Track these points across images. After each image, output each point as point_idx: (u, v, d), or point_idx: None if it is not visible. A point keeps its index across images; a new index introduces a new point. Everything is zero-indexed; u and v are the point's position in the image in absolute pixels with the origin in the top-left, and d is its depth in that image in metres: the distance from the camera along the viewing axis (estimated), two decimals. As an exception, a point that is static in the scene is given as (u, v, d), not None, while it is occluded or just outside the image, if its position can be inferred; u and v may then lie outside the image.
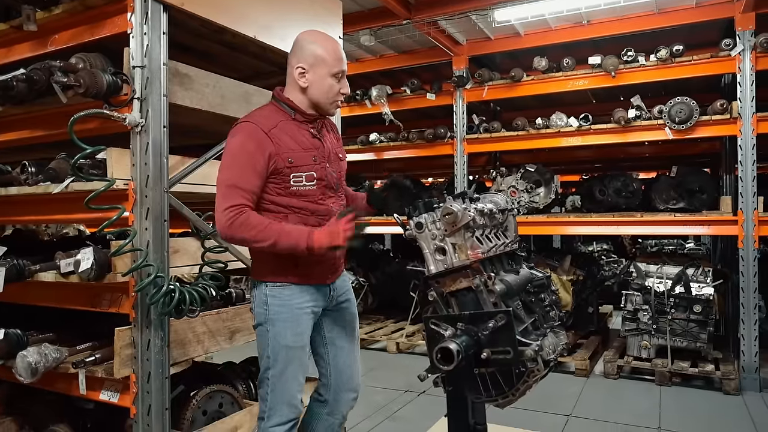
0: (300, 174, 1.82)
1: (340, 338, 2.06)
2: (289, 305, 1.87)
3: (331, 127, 2.05)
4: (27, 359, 2.10)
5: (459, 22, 4.67)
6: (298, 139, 1.85)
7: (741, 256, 4.04)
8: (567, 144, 4.79)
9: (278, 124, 1.83)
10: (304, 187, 1.84)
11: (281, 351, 1.86)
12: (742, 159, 4.05)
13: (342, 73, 1.89)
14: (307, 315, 1.91)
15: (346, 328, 2.08)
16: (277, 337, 1.86)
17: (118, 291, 2.09)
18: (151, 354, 2.00)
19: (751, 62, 4.02)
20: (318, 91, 1.87)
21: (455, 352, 1.50)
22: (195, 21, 2.19)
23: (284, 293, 1.87)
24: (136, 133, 1.99)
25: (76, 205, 2.02)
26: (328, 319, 2.04)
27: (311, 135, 1.89)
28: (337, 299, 2.03)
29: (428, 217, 1.80)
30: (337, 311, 2.05)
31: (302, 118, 1.89)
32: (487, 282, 1.70)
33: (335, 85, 1.87)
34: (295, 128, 1.87)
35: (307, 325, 1.91)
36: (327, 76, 1.86)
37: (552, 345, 1.83)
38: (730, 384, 3.90)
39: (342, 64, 1.89)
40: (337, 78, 1.87)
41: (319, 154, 1.89)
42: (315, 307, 1.94)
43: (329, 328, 2.05)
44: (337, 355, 2.05)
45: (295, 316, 1.87)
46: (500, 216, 2.03)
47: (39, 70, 2.00)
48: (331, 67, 1.86)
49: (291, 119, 1.87)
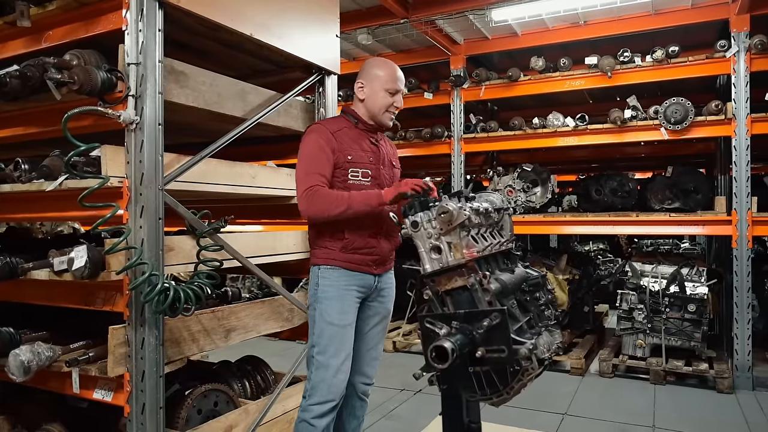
0: (357, 170, 2.12)
1: (367, 328, 2.24)
2: (337, 285, 2.10)
3: (390, 144, 2.37)
4: (20, 358, 2.09)
5: (456, 22, 4.67)
6: (358, 142, 2.17)
7: (735, 255, 4.07)
8: (563, 144, 4.81)
9: (342, 129, 2.16)
10: (359, 181, 2.13)
11: (326, 328, 2.07)
12: (736, 159, 4.07)
13: (396, 91, 2.18)
14: (352, 296, 2.12)
15: (376, 318, 2.26)
16: (323, 314, 2.08)
17: (113, 289, 2.07)
18: (145, 353, 1.99)
19: (746, 63, 4.04)
20: (372, 102, 2.18)
21: (450, 350, 1.50)
22: (191, 18, 2.17)
23: (333, 275, 2.11)
24: (131, 130, 1.98)
25: (70, 202, 2.00)
26: (365, 308, 2.22)
27: (370, 142, 2.20)
28: (379, 291, 2.23)
29: (424, 216, 1.80)
30: (375, 302, 2.24)
31: (363, 127, 2.21)
32: (482, 281, 1.70)
33: (388, 98, 2.18)
34: (357, 134, 2.19)
35: (351, 305, 2.11)
36: (381, 90, 2.17)
37: (547, 343, 1.83)
38: (723, 382, 3.92)
39: (396, 83, 2.18)
40: (390, 93, 2.17)
41: (375, 157, 2.19)
42: (358, 292, 2.14)
43: (364, 318, 2.22)
44: (361, 341, 2.22)
45: (341, 295, 2.09)
46: (496, 215, 2.03)
47: (33, 66, 1.98)
48: (384, 83, 2.17)
49: (354, 127, 2.20)
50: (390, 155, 2.30)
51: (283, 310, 2.71)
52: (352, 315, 2.12)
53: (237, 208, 2.66)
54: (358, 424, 2.31)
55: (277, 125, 2.63)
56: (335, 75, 2.87)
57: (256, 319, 2.58)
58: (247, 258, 2.46)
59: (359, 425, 2.32)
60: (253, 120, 2.43)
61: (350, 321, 2.11)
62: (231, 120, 2.41)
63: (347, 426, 2.29)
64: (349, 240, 2.11)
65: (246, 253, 2.46)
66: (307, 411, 2.04)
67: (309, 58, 2.67)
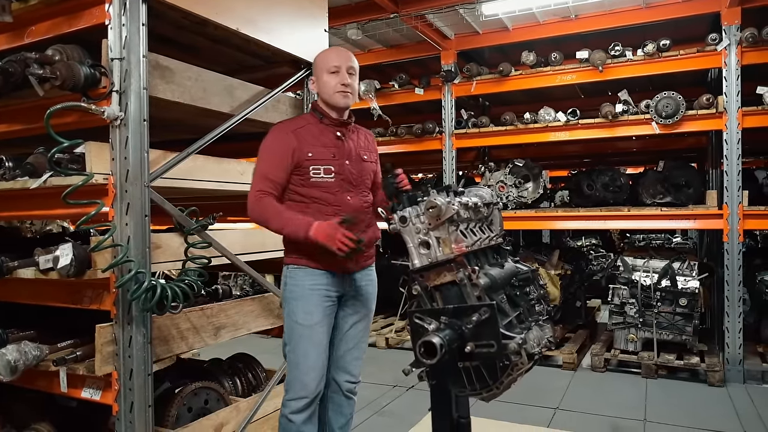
0: (318, 167, 2.06)
1: (346, 327, 2.20)
2: (301, 285, 2.08)
3: (366, 137, 2.27)
4: (6, 357, 2.07)
5: (447, 16, 4.65)
6: (321, 138, 2.11)
7: (726, 249, 4.08)
8: (555, 139, 4.80)
9: (305, 126, 2.12)
10: (322, 178, 2.07)
11: (294, 327, 2.07)
12: (727, 153, 4.07)
13: (336, 68, 2.09)
14: (319, 296, 2.07)
15: (356, 316, 2.21)
16: (290, 314, 2.08)
17: (99, 287, 2.05)
18: (133, 351, 1.97)
19: (737, 57, 4.05)
20: (322, 90, 2.13)
21: (438, 345, 1.49)
22: (176, 12, 2.15)
23: (298, 274, 2.09)
24: (116, 126, 1.96)
25: (55, 200, 1.98)
26: (344, 306, 2.19)
27: (335, 136, 2.13)
28: (356, 290, 2.18)
29: (412, 211, 1.78)
30: (353, 300, 2.19)
31: (328, 122, 2.14)
32: (471, 276, 1.69)
33: (332, 79, 2.09)
34: (321, 129, 2.13)
35: (317, 305, 2.07)
36: (323, 75, 2.11)
37: (537, 338, 1.82)
38: (714, 376, 3.94)
39: (334, 60, 2.11)
40: (332, 73, 2.09)
41: (339, 152, 2.11)
42: (328, 291, 2.09)
43: (342, 316, 2.19)
44: (342, 340, 2.19)
45: (305, 295, 2.06)
46: (485, 210, 2.02)
47: (14, 62, 1.96)
48: (323, 66, 2.11)
49: (319, 122, 2.14)
50: (360, 149, 2.20)
51: (274, 307, 2.70)
52: (318, 314, 2.07)
53: (225, 205, 2.64)
54: (346, 422, 2.28)
55: (265, 121, 2.60)
56: (324, 70, 2.84)
57: (246, 317, 2.57)
58: (236, 255, 2.44)
59: (347, 422, 2.29)
60: (240, 116, 2.41)
61: (317, 320, 2.06)
62: (218, 116, 2.39)
63: (334, 424, 2.27)
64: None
65: (235, 250, 2.44)
66: (286, 406, 2.07)
67: (297, 54, 2.65)
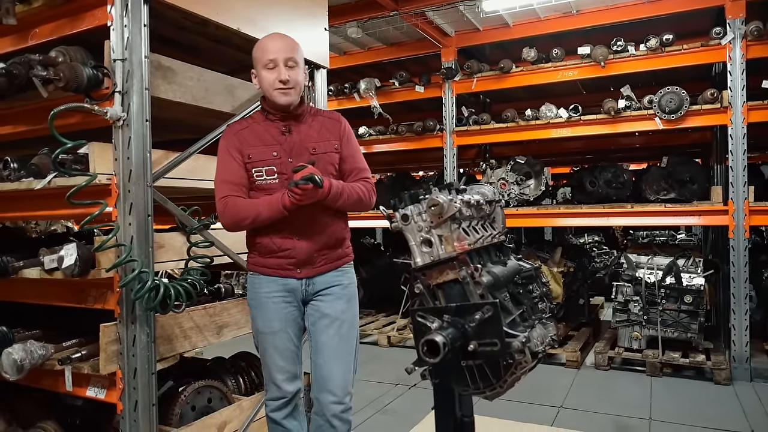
0: (260, 168, 1.94)
1: (317, 335, 2.03)
2: (258, 293, 2.02)
3: (323, 123, 2.05)
4: (12, 356, 2.08)
5: (447, 13, 4.64)
6: (263, 136, 1.97)
7: (732, 246, 4.04)
8: (557, 135, 4.79)
9: (250, 126, 2.00)
10: (265, 181, 1.95)
11: (257, 335, 2.05)
12: (732, 149, 4.05)
13: (271, 62, 1.93)
14: (275, 303, 1.99)
15: (324, 320, 2.02)
16: (253, 323, 2.07)
17: (103, 287, 2.06)
18: (137, 350, 1.98)
19: (742, 51, 4.01)
20: (262, 87, 1.99)
21: (441, 344, 1.49)
22: (177, 13, 2.15)
23: (254, 281, 2.03)
24: (118, 127, 1.97)
25: (59, 200, 1.98)
26: (309, 314, 2.05)
27: (280, 132, 1.98)
28: (313, 295, 2.02)
29: (414, 209, 1.78)
30: (317, 303, 2.03)
31: (273, 117, 2.00)
32: (474, 274, 1.69)
33: (269, 75, 1.94)
34: (265, 127, 1.99)
35: (274, 312, 1.99)
36: (261, 71, 1.96)
37: (540, 336, 1.82)
38: (720, 374, 3.90)
39: (269, 51, 1.93)
40: (269, 69, 1.94)
41: (281, 149, 1.96)
42: (284, 298, 2.00)
43: (311, 323, 2.05)
44: (316, 352, 2.03)
45: (262, 303, 2.00)
46: (487, 207, 2.02)
47: (18, 64, 1.97)
48: (260, 61, 1.96)
49: (264, 120, 2.01)
50: (310, 141, 1.99)
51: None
52: (278, 321, 1.98)
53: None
54: None
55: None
56: (324, 69, 2.85)
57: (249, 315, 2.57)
58: (238, 254, 2.45)
59: None
60: (241, 115, 2.41)
61: (278, 328, 1.98)
62: (220, 115, 2.39)
63: None
64: (261, 244, 1.98)
65: (236, 249, 2.45)
66: (267, 405, 2.06)
67: (298, 52, 2.64)
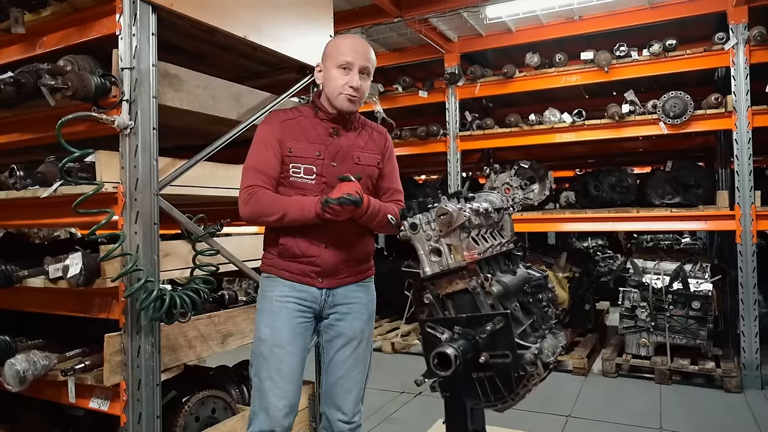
0: (298, 165, 1.82)
1: (331, 352, 1.91)
2: (269, 296, 1.85)
3: (372, 135, 1.98)
4: (15, 367, 2.06)
5: (450, 20, 4.64)
6: (308, 132, 1.86)
7: (739, 251, 4.01)
8: (561, 140, 4.78)
9: (297, 118, 1.88)
10: (301, 179, 1.83)
11: (258, 345, 1.83)
12: (738, 153, 4.03)
13: (347, 64, 1.83)
14: (288, 310, 1.81)
15: (341, 339, 1.90)
16: (258, 330, 1.85)
17: (108, 296, 2.05)
18: (141, 360, 1.96)
19: (745, 56, 4.01)
20: (326, 85, 1.88)
21: (453, 357, 1.47)
22: (184, 21, 2.15)
23: (268, 284, 1.88)
24: (125, 135, 1.96)
25: (65, 209, 1.98)
26: (323, 330, 1.93)
27: (328, 133, 1.88)
28: (332, 308, 1.89)
29: (422, 218, 1.77)
30: (334, 321, 1.91)
31: (324, 116, 1.89)
32: (484, 283, 1.67)
33: (341, 78, 1.83)
34: (313, 123, 1.88)
35: (285, 320, 1.81)
36: (332, 68, 1.85)
37: (551, 347, 1.80)
38: (731, 382, 3.85)
39: (346, 55, 1.82)
40: (342, 69, 1.83)
41: (326, 151, 1.85)
42: (299, 305, 1.83)
43: (326, 340, 1.93)
44: (329, 369, 1.92)
45: (272, 308, 1.83)
46: (496, 215, 2.00)
47: (27, 73, 1.97)
48: (334, 58, 1.84)
49: (314, 116, 1.90)
50: (357, 149, 1.91)
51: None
52: (287, 332, 1.80)
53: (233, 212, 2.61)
54: None
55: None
56: (331, 75, 2.83)
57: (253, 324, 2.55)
58: (244, 261, 2.43)
59: None
60: (248, 122, 2.40)
61: (286, 339, 1.79)
62: (226, 123, 2.38)
63: None
64: (284, 246, 1.84)
65: (242, 256, 2.43)
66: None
67: (303, 59, 2.64)
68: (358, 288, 1.95)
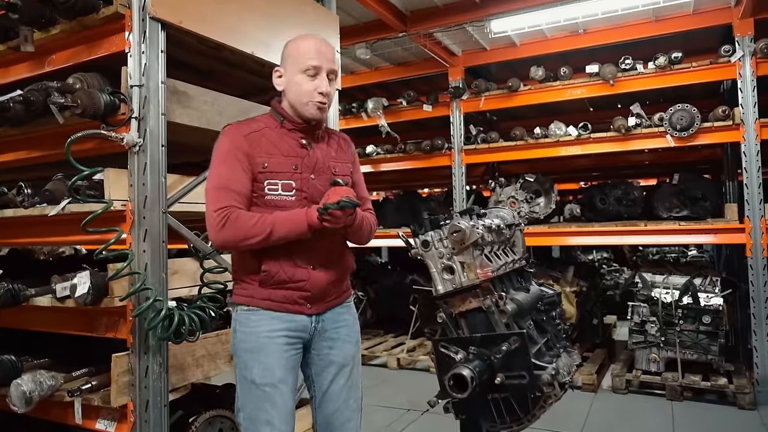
0: (275, 181, 1.66)
1: (323, 383, 1.77)
2: (256, 332, 1.66)
3: (341, 146, 1.85)
4: (21, 388, 2.03)
5: (455, 34, 4.66)
6: (280, 145, 1.70)
7: (750, 265, 3.96)
8: (566, 153, 4.76)
9: (262, 129, 1.70)
10: (279, 197, 1.66)
11: (249, 389, 1.64)
12: (746, 166, 4.00)
13: (314, 68, 1.67)
14: (278, 345, 1.65)
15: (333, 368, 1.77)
16: (244, 371, 1.66)
17: (115, 315, 2.03)
18: (149, 381, 1.94)
19: (752, 68, 4.00)
20: (290, 92, 1.71)
21: (469, 378, 1.44)
22: (193, 38, 2.16)
23: (251, 318, 1.68)
24: (134, 152, 1.95)
25: (73, 227, 1.97)
26: (312, 361, 1.78)
27: (299, 144, 1.72)
28: (323, 334, 1.76)
29: (435, 235, 1.75)
30: (324, 349, 1.77)
31: (291, 126, 1.73)
32: (499, 302, 1.65)
33: (307, 83, 1.67)
34: (281, 135, 1.72)
35: (277, 357, 1.65)
36: (296, 74, 1.68)
37: (566, 366, 1.77)
38: (744, 398, 3.77)
39: (311, 59, 1.66)
40: (308, 75, 1.67)
41: (302, 164, 1.70)
42: (290, 338, 1.68)
43: (315, 372, 1.78)
44: (323, 399, 1.78)
45: (261, 346, 1.65)
46: (508, 231, 1.98)
47: (36, 91, 1.98)
48: (298, 62, 1.68)
49: (279, 126, 1.73)
50: (330, 159, 1.77)
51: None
52: (280, 370, 1.64)
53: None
54: None
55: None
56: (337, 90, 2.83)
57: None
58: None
59: None
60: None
61: (279, 377, 1.63)
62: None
63: None
64: (268, 272, 1.65)
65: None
66: None
67: (312, 75, 2.64)
68: (343, 310, 1.83)
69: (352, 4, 3.98)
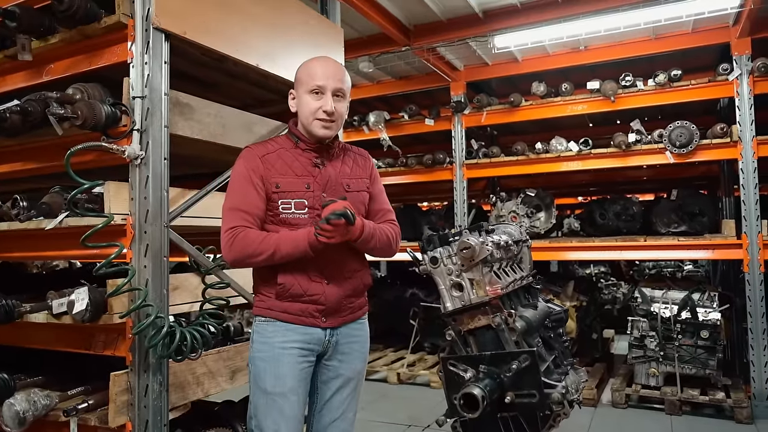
0: (288, 200, 1.74)
1: (326, 393, 1.82)
2: (271, 343, 1.73)
3: (355, 159, 1.90)
4: (14, 408, 1.97)
5: (458, 49, 4.68)
6: (293, 165, 1.78)
7: (747, 280, 3.98)
8: (567, 168, 4.77)
9: (277, 151, 1.79)
10: (293, 215, 1.74)
11: (260, 397, 1.71)
12: (744, 182, 4.02)
13: (318, 88, 1.75)
14: (291, 356, 1.71)
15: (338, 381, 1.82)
16: (257, 380, 1.73)
17: (114, 332, 1.97)
18: (149, 400, 1.88)
19: (749, 86, 4.04)
20: (300, 112, 1.81)
21: (480, 398, 1.41)
22: (196, 49, 2.13)
23: (267, 329, 1.75)
24: (136, 165, 1.91)
25: (71, 240, 1.92)
26: (323, 369, 1.82)
27: (312, 163, 1.79)
28: (336, 348, 1.80)
29: (443, 252, 1.73)
30: (334, 362, 1.81)
31: (305, 146, 1.81)
32: (508, 319, 1.62)
33: (313, 103, 1.75)
34: (295, 155, 1.80)
35: (290, 368, 1.71)
36: (303, 94, 1.78)
37: (575, 383, 1.75)
38: (742, 412, 3.78)
39: (317, 79, 1.75)
40: (314, 94, 1.76)
41: (315, 182, 1.77)
42: (303, 350, 1.73)
43: (323, 379, 1.82)
44: (323, 410, 1.82)
45: (276, 356, 1.71)
46: (515, 247, 1.96)
47: (34, 101, 1.92)
48: (305, 84, 1.77)
49: (294, 147, 1.81)
50: (344, 176, 1.83)
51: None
52: (292, 380, 1.70)
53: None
54: None
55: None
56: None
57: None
58: (253, 294, 2.36)
59: None
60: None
61: (290, 387, 1.69)
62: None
63: None
64: (283, 286, 1.73)
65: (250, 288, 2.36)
66: None
67: (315, 88, 2.62)
68: (358, 326, 1.86)
69: (355, 17, 3.99)
